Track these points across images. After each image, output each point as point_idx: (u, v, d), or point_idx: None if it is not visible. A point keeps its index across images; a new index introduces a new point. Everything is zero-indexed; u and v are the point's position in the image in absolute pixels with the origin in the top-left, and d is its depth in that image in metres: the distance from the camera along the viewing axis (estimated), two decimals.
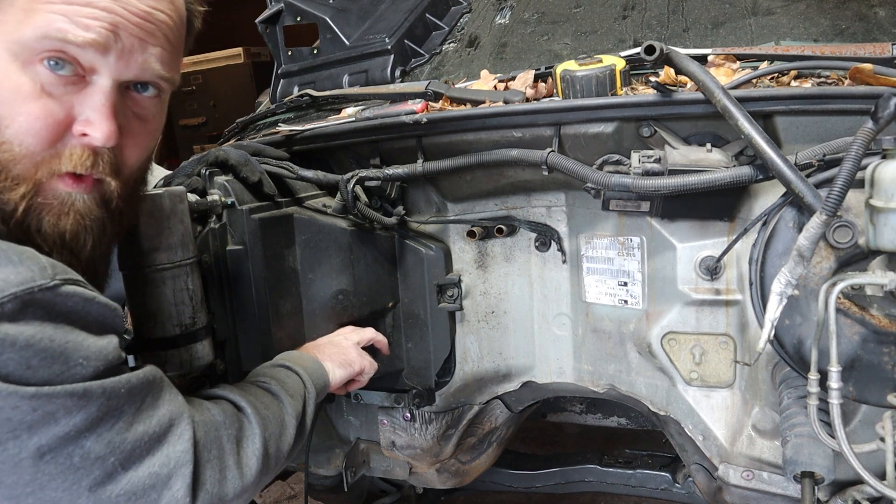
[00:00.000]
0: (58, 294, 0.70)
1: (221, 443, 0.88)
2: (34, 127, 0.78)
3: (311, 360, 1.23)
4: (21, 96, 0.77)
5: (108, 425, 0.73)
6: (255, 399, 1.01)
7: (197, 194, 1.30)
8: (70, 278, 0.73)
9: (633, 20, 1.70)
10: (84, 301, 0.73)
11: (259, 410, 0.98)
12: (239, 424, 0.93)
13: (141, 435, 0.77)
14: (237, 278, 1.33)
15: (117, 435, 0.74)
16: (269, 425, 0.99)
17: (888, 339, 1.09)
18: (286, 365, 1.18)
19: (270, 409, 1.03)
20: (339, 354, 1.31)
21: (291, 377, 1.15)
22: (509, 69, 1.65)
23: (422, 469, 1.88)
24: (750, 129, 1.10)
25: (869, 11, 1.50)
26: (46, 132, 0.79)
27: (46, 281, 0.69)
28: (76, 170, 0.82)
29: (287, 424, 1.04)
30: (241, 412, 0.96)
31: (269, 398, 1.05)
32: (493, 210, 1.60)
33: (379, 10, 1.95)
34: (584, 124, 1.29)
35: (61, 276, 0.71)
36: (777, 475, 1.37)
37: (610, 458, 2.22)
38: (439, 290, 1.60)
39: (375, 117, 1.45)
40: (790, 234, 1.17)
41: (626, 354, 1.54)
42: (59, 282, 0.70)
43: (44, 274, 0.69)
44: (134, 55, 0.83)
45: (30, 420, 0.67)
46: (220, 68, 5.88)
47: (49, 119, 0.79)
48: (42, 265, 0.70)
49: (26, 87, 0.77)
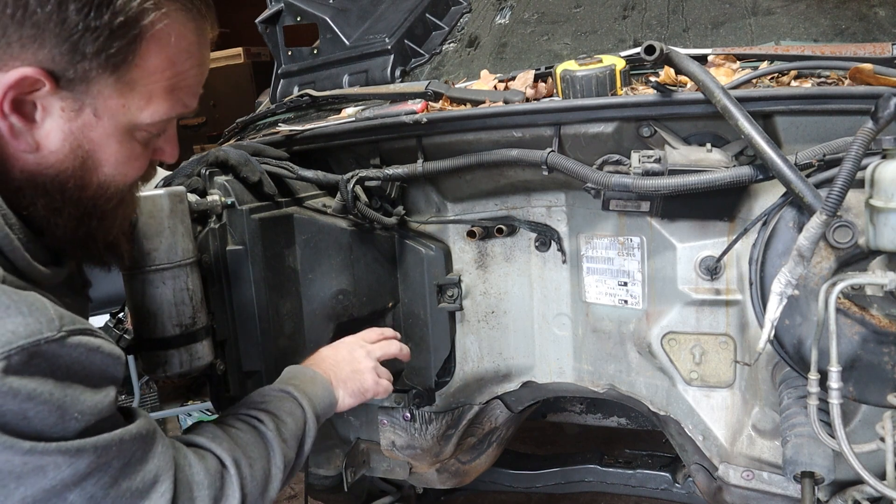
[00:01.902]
0: (63, 346, 0.72)
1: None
2: (137, 175, 0.92)
3: (322, 387, 1.18)
4: (133, 158, 0.88)
5: (93, 480, 0.74)
6: (242, 455, 0.97)
7: (197, 194, 1.30)
8: (76, 329, 0.75)
9: (633, 20, 1.70)
10: (88, 352, 0.76)
11: (242, 470, 0.95)
12: (220, 485, 0.92)
13: (124, 491, 0.78)
14: (237, 278, 1.33)
15: (101, 490, 0.75)
16: (249, 483, 0.96)
17: (888, 339, 1.09)
18: (293, 394, 1.12)
19: (256, 465, 0.98)
20: (355, 381, 1.25)
21: (294, 414, 1.09)
22: (509, 69, 1.65)
23: (422, 469, 1.88)
24: (750, 129, 1.10)
25: (869, 11, 1.50)
26: (144, 171, 0.93)
27: (53, 333, 0.71)
28: (146, 182, 0.98)
29: (272, 478, 1.01)
30: (224, 470, 0.94)
31: (259, 450, 1.01)
32: (493, 210, 1.60)
33: (379, 10, 1.95)
34: (584, 124, 1.29)
35: (68, 328, 0.73)
36: (777, 475, 1.37)
37: (610, 458, 2.22)
38: (439, 290, 1.60)
39: (375, 117, 1.45)
40: (790, 234, 1.17)
41: (626, 354, 1.54)
42: (65, 333, 0.73)
43: (51, 326, 0.71)
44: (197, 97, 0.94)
45: (19, 472, 0.69)
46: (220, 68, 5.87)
47: (147, 165, 0.93)
48: (50, 317, 0.72)
49: (137, 150, 0.88)
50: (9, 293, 0.71)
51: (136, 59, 0.80)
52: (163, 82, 0.84)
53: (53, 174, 0.82)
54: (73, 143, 0.81)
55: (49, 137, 0.80)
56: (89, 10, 0.75)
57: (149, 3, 0.79)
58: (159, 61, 0.82)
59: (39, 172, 0.81)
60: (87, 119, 0.81)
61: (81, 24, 0.75)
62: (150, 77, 0.83)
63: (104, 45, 0.77)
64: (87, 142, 0.82)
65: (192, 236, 1.20)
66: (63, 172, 0.82)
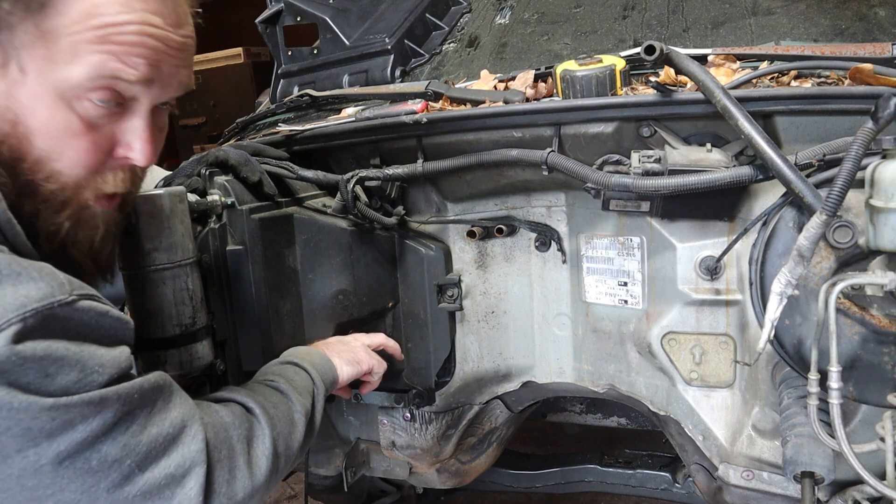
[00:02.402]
0: (75, 309, 0.73)
1: (231, 444, 0.90)
2: (82, 160, 0.84)
3: (319, 356, 1.23)
4: (69, 133, 0.81)
5: (123, 429, 0.76)
6: (263, 399, 1.01)
7: (197, 194, 1.30)
8: (86, 293, 0.76)
9: (633, 20, 1.70)
10: (98, 315, 0.76)
11: (268, 410, 0.99)
12: (249, 425, 0.95)
13: (155, 437, 0.79)
14: (237, 278, 1.33)
15: (132, 438, 0.76)
16: (278, 424, 1.00)
17: (888, 339, 1.09)
18: (294, 361, 1.18)
19: (279, 408, 1.03)
20: (347, 352, 1.31)
21: (300, 374, 1.15)
22: (509, 69, 1.65)
23: (422, 469, 1.88)
24: (750, 129, 1.10)
25: (869, 11, 1.50)
26: (94, 162, 0.85)
27: (65, 296, 0.72)
28: (117, 190, 0.90)
29: (296, 422, 1.05)
30: (250, 413, 0.97)
31: (277, 397, 1.06)
32: (493, 210, 1.60)
33: (379, 10, 1.95)
34: (584, 124, 1.29)
35: (78, 292, 0.74)
36: (777, 475, 1.37)
37: (610, 458, 2.22)
38: (439, 290, 1.60)
39: (375, 117, 1.45)
40: (790, 234, 1.17)
41: (626, 354, 1.54)
42: (76, 297, 0.74)
43: (62, 290, 0.72)
44: (172, 82, 0.89)
45: (49, 428, 0.69)
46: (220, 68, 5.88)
47: (96, 151, 0.85)
48: (60, 281, 0.73)
49: (74, 125, 0.81)
50: (19, 261, 0.71)
51: (54, 2, 0.76)
52: (88, 33, 0.78)
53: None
54: (2, 103, 0.77)
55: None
56: None
57: None
58: (82, 8, 0.77)
59: None
60: (13, 75, 0.77)
61: None
62: (74, 27, 0.77)
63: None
64: (15, 103, 0.78)
65: (192, 236, 1.20)
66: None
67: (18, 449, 0.68)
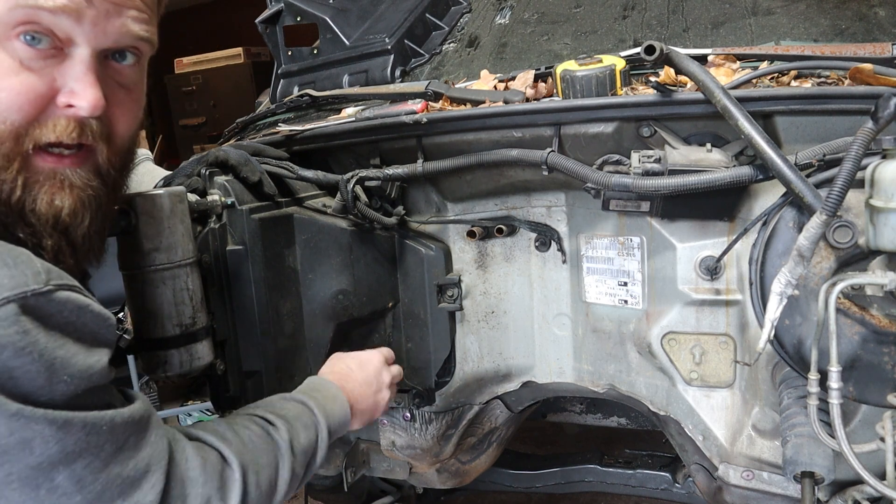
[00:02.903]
0: (51, 300, 0.68)
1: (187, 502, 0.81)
2: (16, 102, 0.76)
3: (340, 409, 1.12)
4: (1, 73, 0.75)
5: (83, 462, 0.69)
6: (250, 458, 0.90)
7: (197, 194, 1.30)
8: (65, 284, 0.70)
9: (633, 20, 1.70)
10: (78, 309, 0.71)
11: (248, 474, 0.88)
12: (220, 484, 0.85)
13: (114, 477, 0.72)
14: (237, 278, 1.33)
15: (90, 473, 0.70)
16: (256, 491, 0.89)
17: (888, 339, 1.09)
18: (312, 409, 1.06)
19: (264, 472, 0.92)
20: (370, 411, 1.22)
21: (310, 428, 1.03)
22: (509, 69, 1.65)
23: (422, 469, 1.88)
24: (750, 129, 1.10)
25: (869, 11, 1.50)
26: (29, 106, 0.77)
27: (40, 286, 0.67)
28: (61, 139, 0.80)
29: (278, 490, 0.95)
30: (227, 469, 0.87)
31: (268, 456, 0.94)
32: (493, 210, 1.60)
33: (379, 10, 1.95)
34: (584, 124, 1.29)
35: (55, 282, 0.69)
36: (777, 475, 1.37)
37: (610, 458, 2.22)
38: (439, 290, 1.60)
39: (375, 117, 1.45)
40: (790, 234, 1.17)
41: (626, 354, 1.54)
42: (52, 287, 0.68)
43: (37, 279, 0.67)
44: (111, 20, 0.80)
45: (4, 444, 0.64)
46: (220, 68, 5.88)
47: (31, 93, 0.77)
48: (36, 270, 0.68)
49: (4, 64, 0.75)
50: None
51: None
52: None
53: None
54: None
55: None
56: None
57: None
58: None
59: None
60: None
61: None
62: None
63: None
64: None
65: (192, 236, 1.20)
66: None
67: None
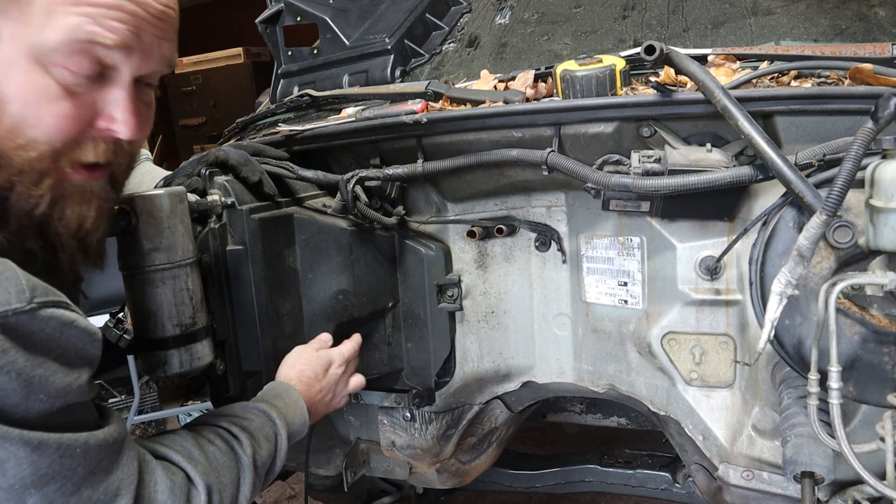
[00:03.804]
0: (34, 318, 0.69)
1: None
2: (60, 126, 0.79)
3: (300, 417, 1.16)
4: (46, 98, 0.78)
5: (55, 485, 0.71)
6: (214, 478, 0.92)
7: (197, 194, 1.30)
8: (49, 301, 0.71)
9: (633, 20, 1.70)
10: (61, 326, 0.71)
11: (213, 496, 0.91)
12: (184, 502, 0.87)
13: (85, 500, 0.74)
14: (237, 278, 1.33)
15: (61, 497, 0.71)
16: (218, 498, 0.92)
17: (888, 339, 1.09)
18: (274, 420, 1.09)
19: (227, 490, 0.94)
20: (325, 410, 1.27)
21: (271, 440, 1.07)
22: (509, 69, 1.65)
23: (422, 469, 1.88)
24: (750, 129, 1.10)
25: (869, 11, 1.50)
26: (72, 130, 0.81)
27: (22, 304, 0.68)
28: (98, 160, 0.84)
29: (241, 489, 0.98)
30: (193, 490, 0.89)
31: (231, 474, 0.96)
32: (493, 210, 1.60)
33: (379, 10, 1.95)
34: (584, 124, 1.29)
35: (39, 300, 0.69)
36: (777, 475, 1.37)
37: (610, 458, 2.22)
38: (439, 290, 1.60)
39: (375, 117, 1.45)
40: (790, 234, 1.17)
41: (626, 354, 1.54)
42: (35, 305, 0.69)
43: (21, 297, 0.68)
44: (153, 51, 0.85)
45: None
46: (220, 68, 5.87)
47: (74, 118, 0.80)
48: (20, 287, 0.68)
49: (51, 89, 0.78)
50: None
51: None
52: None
53: None
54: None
55: None
56: None
57: None
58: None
59: None
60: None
61: None
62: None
63: None
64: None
65: (192, 236, 1.20)
66: None
67: None
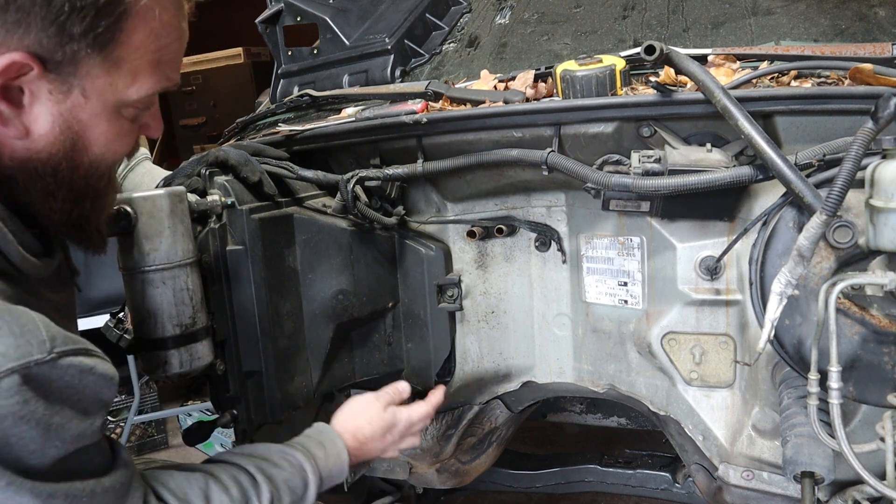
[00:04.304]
0: (55, 367, 0.72)
1: None
2: (126, 149, 0.91)
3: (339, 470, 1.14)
4: (121, 134, 0.87)
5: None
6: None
7: (197, 194, 1.30)
8: (69, 349, 0.74)
9: (633, 20, 1.70)
10: (81, 373, 0.75)
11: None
12: None
13: None
14: (237, 278, 1.33)
15: None
16: None
17: (888, 339, 1.09)
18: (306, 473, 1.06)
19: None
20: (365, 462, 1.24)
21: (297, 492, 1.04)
22: (509, 69, 1.65)
23: (422, 469, 1.88)
24: (750, 129, 1.10)
25: (869, 11, 1.50)
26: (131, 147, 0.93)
27: (44, 355, 0.70)
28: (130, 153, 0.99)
29: None
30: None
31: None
32: (493, 210, 1.60)
33: (379, 10, 1.95)
34: (584, 124, 1.29)
35: (59, 349, 0.72)
36: (777, 475, 1.37)
37: (610, 458, 2.22)
38: (439, 290, 1.60)
39: (375, 117, 1.45)
40: (790, 234, 1.17)
41: (626, 354, 1.54)
42: (55, 355, 0.72)
43: (42, 348, 0.71)
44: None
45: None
46: (220, 68, 5.86)
47: (134, 138, 0.92)
48: (41, 339, 0.71)
49: (125, 127, 0.87)
50: (0, 313, 0.70)
51: (122, 35, 0.79)
52: (148, 57, 0.83)
53: (45, 158, 0.81)
54: (63, 126, 0.80)
55: (38, 121, 0.78)
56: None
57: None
58: (144, 36, 0.81)
59: (30, 158, 0.80)
60: (76, 100, 0.80)
61: (67, 6, 0.73)
62: (136, 53, 0.81)
63: (91, 24, 0.76)
64: (76, 123, 0.81)
65: (192, 236, 1.20)
66: (54, 156, 0.81)
67: None
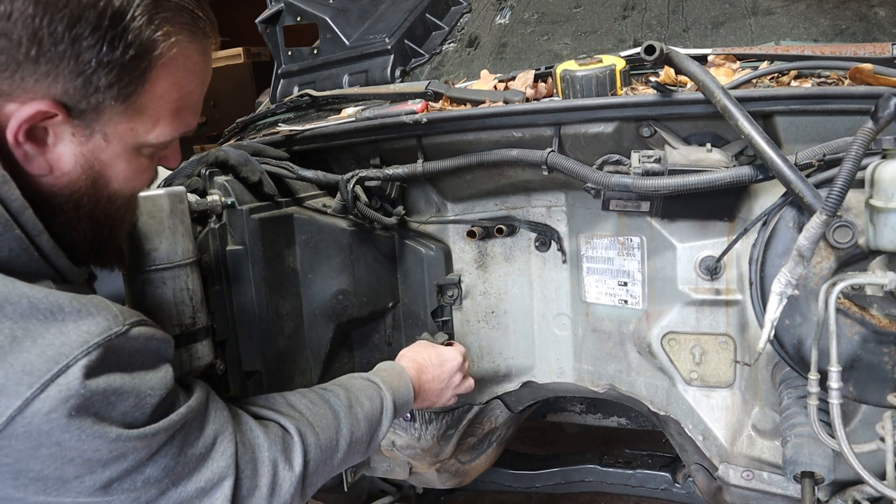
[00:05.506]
0: (128, 338, 0.80)
1: (256, 465, 0.95)
2: (146, 183, 0.95)
3: (405, 386, 1.28)
4: (141, 172, 0.92)
5: (164, 452, 0.83)
6: (307, 424, 1.05)
7: (197, 194, 1.30)
8: (135, 321, 0.82)
9: (633, 20, 1.70)
10: (146, 340, 0.84)
11: (306, 438, 1.03)
12: (281, 447, 1.00)
13: (189, 457, 0.87)
14: (237, 278, 1.33)
15: (171, 460, 0.84)
16: (316, 449, 1.04)
17: (888, 339, 1.09)
18: (376, 383, 1.22)
19: (323, 434, 1.07)
20: (430, 400, 1.38)
21: (374, 399, 1.19)
22: (509, 69, 1.65)
23: (422, 469, 1.88)
24: (750, 129, 1.10)
25: (869, 11, 1.50)
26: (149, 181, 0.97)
27: (120, 328, 0.79)
28: None
29: (338, 448, 1.09)
30: (287, 436, 1.02)
31: (326, 420, 1.09)
32: (493, 210, 1.60)
33: (379, 10, 1.95)
34: (584, 124, 1.29)
35: (129, 321, 0.81)
36: (777, 475, 1.37)
37: (610, 458, 2.22)
38: (439, 290, 1.60)
39: (375, 117, 1.45)
40: (790, 234, 1.17)
41: (626, 354, 1.54)
42: (127, 326, 0.80)
43: (116, 321, 0.79)
44: None
45: (105, 459, 0.77)
46: (220, 68, 5.86)
47: (154, 171, 0.97)
48: (115, 313, 0.80)
49: (144, 164, 0.92)
50: (78, 297, 0.78)
51: (146, 86, 0.83)
52: (170, 105, 0.87)
53: (68, 194, 0.85)
54: (85, 165, 0.84)
55: (61, 160, 0.83)
56: (102, 45, 0.77)
57: (159, 33, 0.81)
58: (168, 86, 0.85)
59: (54, 193, 0.85)
60: (97, 143, 0.84)
61: (94, 60, 0.77)
62: (159, 101, 0.85)
63: (116, 78, 0.80)
64: (97, 163, 0.85)
65: (192, 236, 1.20)
66: (76, 192, 0.86)
67: (77, 475, 0.76)
